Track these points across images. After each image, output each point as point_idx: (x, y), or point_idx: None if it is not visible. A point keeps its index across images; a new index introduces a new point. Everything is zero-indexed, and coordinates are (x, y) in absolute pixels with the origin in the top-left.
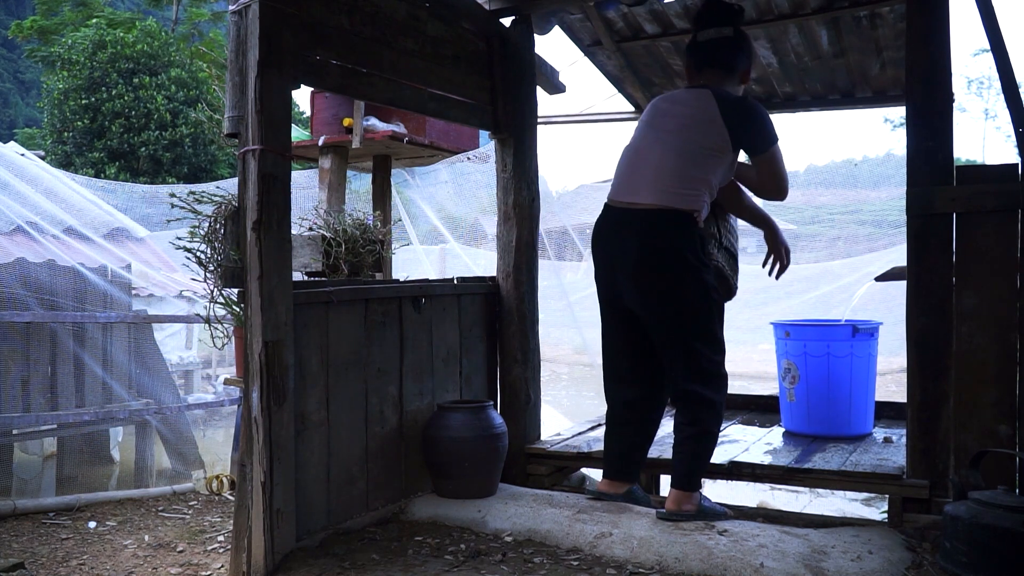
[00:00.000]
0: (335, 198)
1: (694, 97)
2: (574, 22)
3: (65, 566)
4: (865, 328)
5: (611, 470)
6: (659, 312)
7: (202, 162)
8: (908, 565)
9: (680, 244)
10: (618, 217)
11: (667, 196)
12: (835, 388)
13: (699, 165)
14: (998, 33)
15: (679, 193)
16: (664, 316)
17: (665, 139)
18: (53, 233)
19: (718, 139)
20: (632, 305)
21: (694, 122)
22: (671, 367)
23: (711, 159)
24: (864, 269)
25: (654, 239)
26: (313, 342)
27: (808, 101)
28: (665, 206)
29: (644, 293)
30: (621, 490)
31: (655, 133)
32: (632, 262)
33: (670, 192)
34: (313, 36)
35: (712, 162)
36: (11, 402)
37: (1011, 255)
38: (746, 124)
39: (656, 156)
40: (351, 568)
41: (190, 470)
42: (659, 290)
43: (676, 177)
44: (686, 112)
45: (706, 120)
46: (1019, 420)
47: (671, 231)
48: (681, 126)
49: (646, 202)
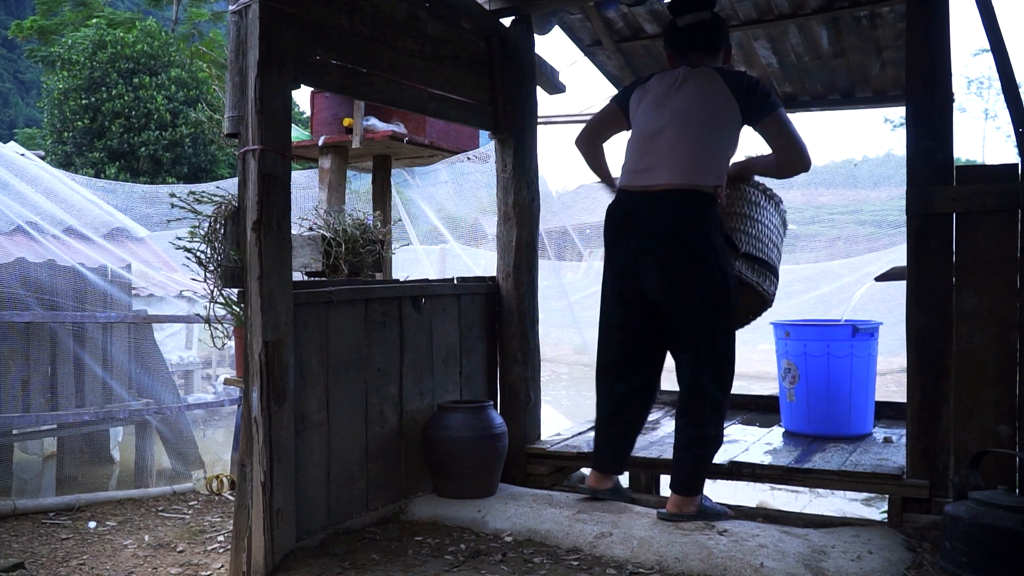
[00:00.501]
0: (335, 198)
1: (697, 75)
2: (574, 22)
3: (65, 566)
4: (865, 328)
5: (602, 463)
6: (685, 299)
7: (202, 162)
8: (908, 565)
9: (706, 228)
10: (639, 202)
11: (689, 175)
12: (835, 388)
13: (715, 140)
14: (998, 33)
15: (701, 171)
16: (691, 303)
17: (678, 118)
18: (53, 233)
19: (730, 111)
20: (654, 292)
21: (704, 99)
22: (685, 358)
23: (725, 132)
24: (864, 269)
25: (681, 224)
26: (313, 342)
27: (808, 101)
28: (689, 185)
29: (672, 278)
30: (609, 484)
31: (665, 115)
32: (660, 246)
33: (691, 171)
34: (313, 36)
35: (726, 136)
36: (11, 402)
37: (1011, 255)
38: (752, 93)
39: (672, 137)
40: (351, 568)
41: (190, 470)
42: (688, 275)
43: (696, 155)
44: (693, 90)
45: (715, 93)
46: (1019, 420)
47: (697, 214)
48: (690, 104)
49: (669, 183)
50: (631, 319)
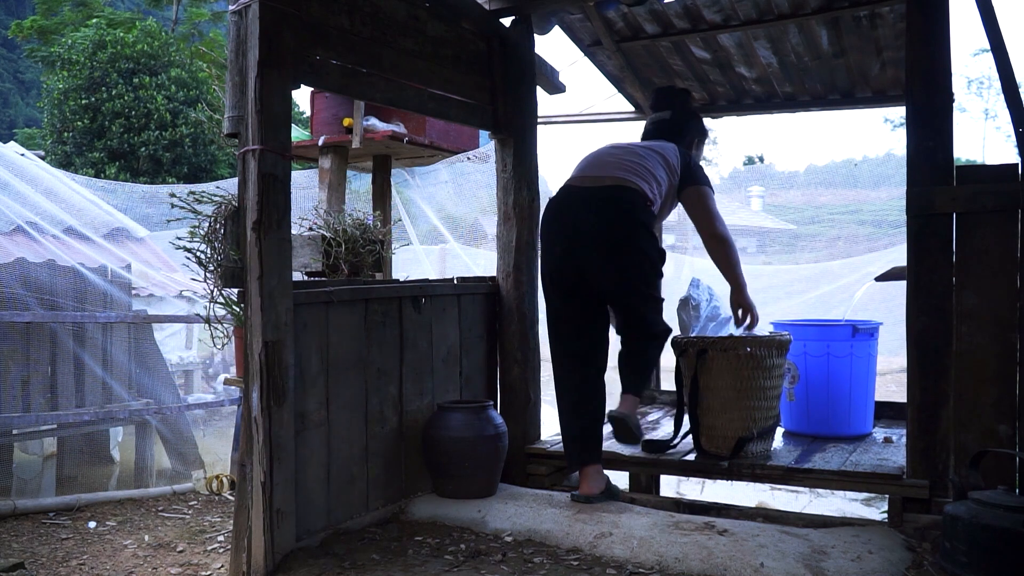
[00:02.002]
0: (335, 198)
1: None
2: (574, 22)
3: (65, 566)
4: (865, 328)
5: (584, 453)
6: (622, 276)
7: (202, 162)
8: (908, 565)
9: (643, 217)
10: (581, 194)
11: (630, 176)
12: (835, 388)
13: (654, 169)
14: (998, 33)
15: (640, 177)
16: (627, 279)
17: (625, 147)
18: (53, 233)
19: (670, 164)
20: (594, 274)
21: (650, 148)
22: (629, 322)
23: (663, 174)
24: (864, 269)
25: (622, 210)
26: (313, 342)
27: (808, 101)
28: (629, 183)
29: (610, 258)
30: (600, 486)
31: (613, 147)
32: (599, 230)
33: (632, 174)
34: (313, 36)
35: (662, 174)
36: (11, 402)
37: (1011, 255)
38: (691, 164)
39: (618, 152)
40: (351, 568)
41: (190, 470)
42: (625, 254)
43: (636, 167)
44: (642, 144)
45: (659, 149)
46: (1019, 420)
47: (634, 204)
48: (639, 145)
49: (611, 178)
50: (574, 307)
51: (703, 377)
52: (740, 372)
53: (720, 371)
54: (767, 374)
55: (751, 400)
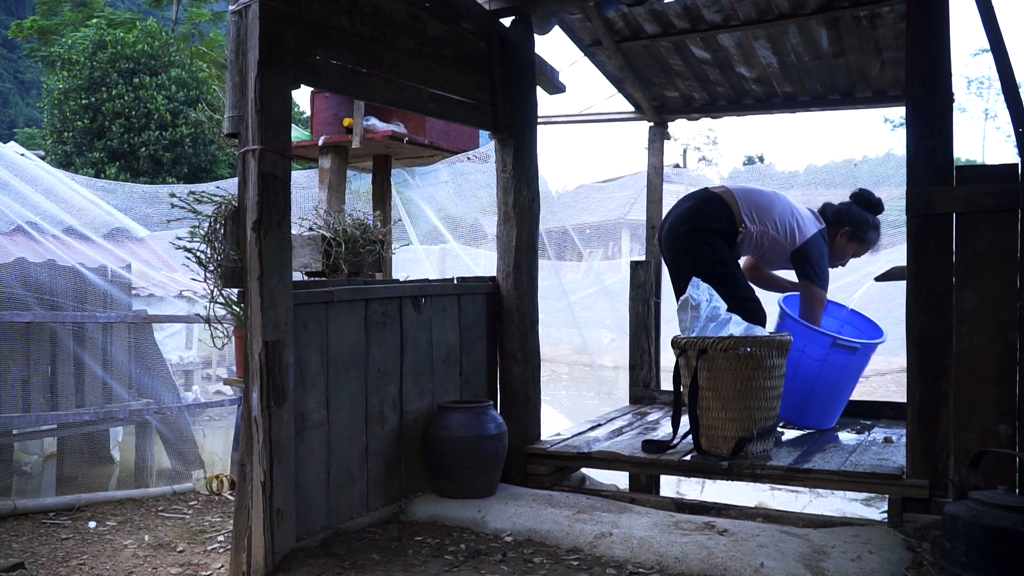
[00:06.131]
0: (335, 198)
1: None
2: (574, 22)
3: (65, 566)
4: (846, 344)
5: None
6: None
7: (202, 162)
8: (908, 565)
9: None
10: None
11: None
12: (799, 383)
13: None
14: (998, 33)
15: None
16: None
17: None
18: (53, 233)
19: (789, 226)
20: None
21: (788, 202)
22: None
23: (773, 222)
24: (864, 269)
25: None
26: (313, 342)
27: (808, 101)
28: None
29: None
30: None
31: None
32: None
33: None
34: (313, 36)
35: (773, 220)
36: (11, 402)
37: (1011, 255)
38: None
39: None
40: (351, 568)
41: (190, 470)
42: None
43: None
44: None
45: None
46: (1019, 420)
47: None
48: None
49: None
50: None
51: (703, 377)
52: (740, 372)
53: (720, 371)
54: (767, 374)
55: (751, 400)
